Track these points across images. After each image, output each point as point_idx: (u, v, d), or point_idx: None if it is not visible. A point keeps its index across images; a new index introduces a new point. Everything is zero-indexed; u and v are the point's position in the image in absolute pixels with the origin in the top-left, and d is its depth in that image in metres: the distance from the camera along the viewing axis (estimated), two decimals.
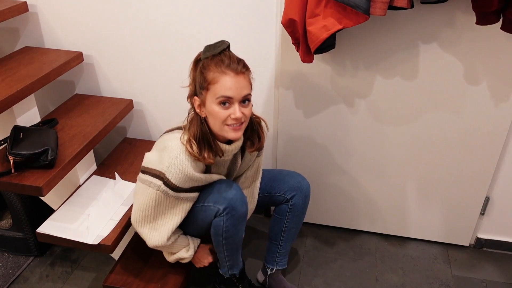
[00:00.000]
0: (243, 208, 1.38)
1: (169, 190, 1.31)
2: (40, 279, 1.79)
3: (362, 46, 1.59)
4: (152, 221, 1.38)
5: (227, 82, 1.23)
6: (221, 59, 1.25)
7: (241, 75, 1.25)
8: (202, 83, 1.26)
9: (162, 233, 1.39)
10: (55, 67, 1.69)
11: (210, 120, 1.30)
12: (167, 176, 1.29)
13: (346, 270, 1.83)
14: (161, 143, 1.37)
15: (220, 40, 1.29)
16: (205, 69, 1.25)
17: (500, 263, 1.87)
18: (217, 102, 1.25)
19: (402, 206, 1.90)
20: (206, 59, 1.27)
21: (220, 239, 1.41)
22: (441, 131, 1.70)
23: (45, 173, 1.43)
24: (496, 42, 1.50)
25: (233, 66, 1.24)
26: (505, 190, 1.79)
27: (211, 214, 1.38)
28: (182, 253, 1.47)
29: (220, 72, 1.23)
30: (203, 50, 1.28)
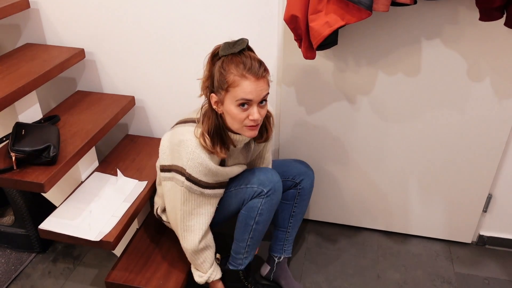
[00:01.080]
0: (280, 196, 1.45)
1: (193, 185, 1.33)
2: (42, 275, 1.79)
3: (365, 42, 1.59)
4: (183, 221, 1.39)
5: (248, 86, 1.24)
6: (242, 61, 1.24)
7: (261, 79, 1.25)
8: (222, 83, 1.25)
9: (194, 234, 1.41)
10: (56, 64, 1.69)
11: (227, 118, 1.32)
12: (188, 171, 1.31)
13: (348, 267, 1.83)
14: (175, 136, 1.37)
15: (240, 39, 1.27)
16: (225, 70, 1.24)
17: (502, 261, 1.86)
18: (236, 104, 1.26)
19: (404, 203, 1.90)
20: (226, 57, 1.26)
21: (251, 223, 1.44)
22: (443, 128, 1.69)
23: (47, 170, 1.44)
24: (500, 38, 1.49)
25: (254, 70, 1.24)
26: (508, 187, 1.78)
27: (250, 195, 1.41)
28: (196, 276, 1.51)
29: (241, 75, 1.23)
30: (222, 46, 1.27)
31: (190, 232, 1.41)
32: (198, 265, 1.49)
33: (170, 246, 1.63)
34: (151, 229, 1.70)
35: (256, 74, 1.24)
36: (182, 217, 1.39)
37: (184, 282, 1.53)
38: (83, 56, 1.85)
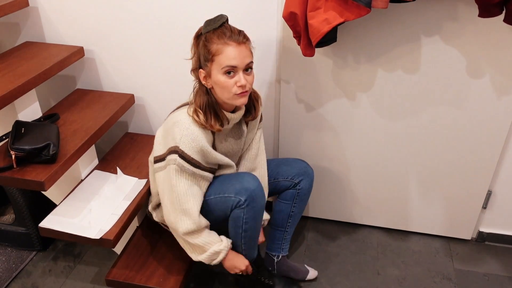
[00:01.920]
0: (263, 200, 1.44)
1: (184, 163, 1.33)
2: (43, 273, 1.79)
3: (364, 39, 1.58)
4: (179, 204, 1.37)
5: (231, 52, 1.29)
6: (223, 31, 1.29)
7: (242, 45, 1.30)
8: (206, 55, 1.30)
9: (193, 214, 1.38)
10: (56, 62, 1.69)
11: (217, 90, 1.34)
12: (181, 148, 1.33)
13: (348, 264, 1.83)
14: (169, 121, 1.40)
15: (219, 14, 1.33)
16: (208, 42, 1.30)
17: (502, 257, 1.87)
18: (222, 72, 1.30)
19: (404, 200, 1.90)
20: (208, 33, 1.31)
21: (240, 231, 1.44)
22: (443, 125, 1.69)
23: (47, 168, 1.44)
24: (499, 35, 1.49)
25: (235, 37, 1.29)
26: (508, 183, 1.79)
27: (231, 205, 1.40)
28: (216, 247, 1.42)
29: (223, 43, 1.28)
30: (203, 24, 1.32)
31: (187, 214, 1.37)
32: (207, 242, 1.41)
33: (171, 243, 1.63)
34: (151, 227, 1.70)
35: (237, 40, 1.29)
36: (177, 200, 1.36)
37: (184, 280, 1.53)
38: (83, 54, 1.85)
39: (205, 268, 1.80)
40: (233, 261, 1.48)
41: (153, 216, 1.59)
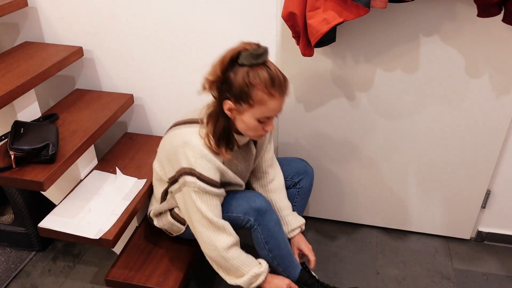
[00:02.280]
0: (273, 215, 1.41)
1: (205, 185, 1.30)
2: (42, 273, 1.79)
3: (363, 39, 1.59)
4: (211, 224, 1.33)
5: (274, 105, 1.25)
6: (269, 75, 1.22)
7: (284, 95, 1.27)
8: (246, 98, 1.23)
9: (227, 228, 1.35)
10: (55, 62, 1.69)
11: (240, 125, 1.31)
12: (198, 171, 1.29)
13: (347, 263, 1.83)
14: (177, 138, 1.35)
15: (262, 47, 1.23)
16: (251, 84, 1.21)
17: (501, 256, 1.87)
18: (256, 119, 1.27)
19: (403, 200, 1.90)
20: (250, 68, 1.22)
21: (266, 253, 1.42)
22: (442, 124, 1.69)
23: (46, 168, 1.44)
24: (498, 35, 1.49)
25: (281, 88, 1.25)
26: (506, 183, 1.79)
27: (240, 224, 1.39)
28: (256, 269, 1.37)
29: (269, 94, 1.23)
30: (245, 55, 1.21)
31: (222, 230, 1.34)
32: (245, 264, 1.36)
33: (169, 243, 1.63)
34: (150, 227, 1.70)
35: (282, 92, 1.25)
36: (208, 220, 1.32)
37: (184, 279, 1.53)
38: (82, 54, 1.85)
39: (205, 268, 1.81)
40: (273, 283, 1.41)
41: (154, 222, 1.58)
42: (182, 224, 1.49)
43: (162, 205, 1.51)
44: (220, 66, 1.25)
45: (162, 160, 1.44)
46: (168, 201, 1.49)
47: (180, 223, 1.49)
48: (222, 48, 1.73)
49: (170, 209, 1.51)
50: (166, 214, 1.52)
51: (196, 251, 1.62)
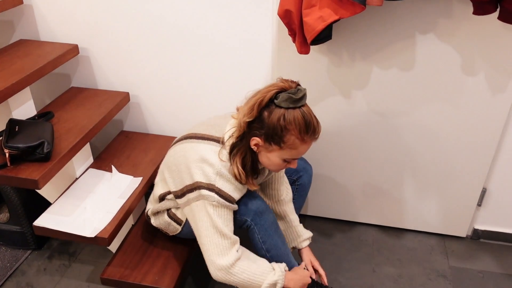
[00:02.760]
0: (270, 216, 1.41)
1: (223, 200, 1.29)
2: (38, 272, 1.79)
3: (359, 37, 1.59)
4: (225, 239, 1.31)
5: (304, 149, 1.26)
6: (305, 121, 1.21)
7: (315, 140, 1.27)
8: (278, 140, 1.23)
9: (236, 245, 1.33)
10: (50, 59, 1.68)
11: (264, 160, 1.31)
12: (217, 186, 1.28)
13: (344, 261, 1.83)
14: (194, 152, 1.32)
15: (301, 91, 1.21)
16: (286, 128, 1.21)
17: (497, 254, 1.87)
18: (283, 159, 1.27)
19: (400, 198, 1.90)
20: (287, 111, 1.20)
21: (264, 253, 1.42)
22: (438, 122, 1.69)
23: (41, 166, 1.43)
24: (493, 32, 1.49)
25: (315, 135, 1.25)
26: (502, 181, 1.79)
27: (238, 225, 1.39)
28: (270, 277, 1.33)
29: (301, 140, 1.23)
30: (284, 97, 1.20)
31: (233, 244, 1.32)
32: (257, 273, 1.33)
33: (165, 242, 1.63)
34: (146, 225, 1.70)
35: (314, 138, 1.25)
36: (226, 233, 1.30)
37: (180, 278, 1.53)
38: (77, 52, 1.84)
39: (201, 266, 1.80)
40: (297, 280, 1.40)
41: (151, 220, 1.57)
42: (179, 224, 1.49)
43: (160, 204, 1.50)
44: (258, 107, 1.23)
45: (172, 169, 1.40)
46: (165, 202, 1.49)
47: (177, 223, 1.49)
48: (219, 46, 1.74)
49: (167, 209, 1.51)
50: (163, 213, 1.51)
51: (192, 249, 1.62)
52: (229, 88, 1.82)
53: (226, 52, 1.74)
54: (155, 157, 1.82)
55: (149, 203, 1.60)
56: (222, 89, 1.83)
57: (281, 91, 1.21)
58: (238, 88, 1.81)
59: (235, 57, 1.75)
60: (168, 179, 1.43)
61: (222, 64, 1.77)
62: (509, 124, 1.67)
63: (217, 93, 1.85)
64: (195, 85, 1.85)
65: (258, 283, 1.32)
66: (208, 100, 1.88)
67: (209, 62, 1.78)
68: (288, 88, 1.22)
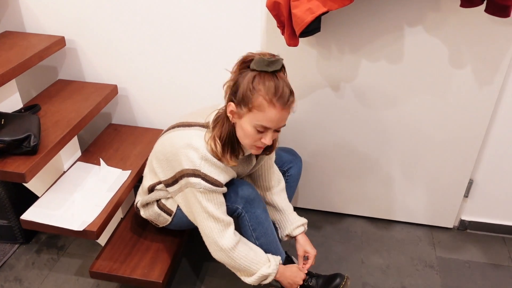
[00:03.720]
0: (261, 204, 1.42)
1: (209, 185, 1.29)
2: (26, 266, 1.78)
3: (348, 29, 1.59)
4: (219, 221, 1.33)
5: (272, 115, 1.22)
6: (275, 84, 1.20)
7: (286, 110, 1.24)
8: (247, 101, 1.21)
9: (232, 225, 1.36)
10: (36, 52, 1.66)
11: (238, 131, 1.29)
12: (203, 172, 1.28)
13: (333, 253, 1.85)
14: (180, 139, 1.33)
15: (276, 57, 1.22)
16: (254, 88, 1.20)
17: (483, 244, 1.90)
18: (253, 126, 1.24)
19: (388, 190, 1.92)
20: (258, 73, 1.21)
21: (253, 241, 1.43)
22: (425, 114, 1.71)
23: (28, 160, 1.42)
24: (480, 25, 1.50)
25: (284, 99, 1.21)
26: (489, 173, 1.82)
27: (228, 213, 1.38)
28: (264, 269, 1.37)
29: (269, 101, 1.20)
30: (256, 59, 1.21)
31: (229, 225, 1.35)
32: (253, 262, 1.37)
33: (155, 235, 1.63)
34: (135, 219, 1.69)
35: (284, 104, 1.22)
36: (218, 216, 1.32)
37: (169, 271, 1.53)
38: (64, 44, 1.82)
39: (191, 259, 1.81)
40: (291, 277, 1.43)
41: (141, 212, 1.57)
42: (169, 214, 1.49)
43: (150, 196, 1.50)
44: (236, 69, 1.25)
45: (160, 159, 1.42)
46: (155, 193, 1.49)
47: (167, 213, 1.49)
48: (207, 38, 1.73)
49: (157, 200, 1.50)
50: (153, 204, 1.51)
51: (181, 242, 1.62)
52: (217, 80, 1.82)
53: (215, 44, 1.74)
54: (144, 150, 1.81)
55: (138, 195, 1.59)
56: (210, 81, 1.83)
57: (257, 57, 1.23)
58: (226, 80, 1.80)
59: (223, 49, 1.74)
60: (157, 169, 1.43)
61: (211, 56, 1.77)
62: (495, 117, 1.68)
63: (205, 85, 1.84)
64: (184, 78, 1.84)
65: (252, 270, 1.37)
66: (196, 93, 1.87)
67: (197, 54, 1.77)
68: (264, 56, 1.23)
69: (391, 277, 1.74)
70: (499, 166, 1.79)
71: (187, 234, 1.66)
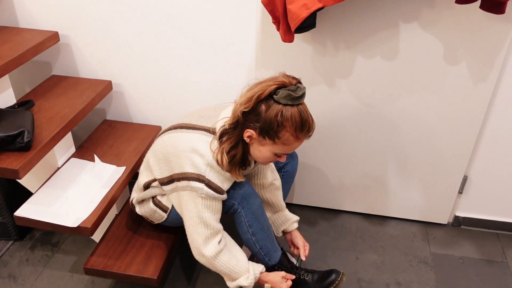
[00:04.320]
0: (257, 200, 1.42)
1: (212, 191, 1.29)
2: (20, 263, 1.77)
3: (343, 25, 1.58)
4: (208, 227, 1.34)
5: (296, 146, 1.28)
6: (301, 119, 1.22)
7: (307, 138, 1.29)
8: (272, 134, 1.23)
9: (220, 234, 1.37)
10: (30, 47, 1.64)
11: (254, 153, 1.31)
12: (207, 178, 1.28)
13: (328, 249, 1.85)
14: (184, 142, 1.32)
15: (301, 89, 1.22)
16: (282, 125, 1.21)
17: (477, 240, 1.91)
18: (274, 153, 1.28)
19: (383, 186, 1.93)
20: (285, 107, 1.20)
21: (249, 237, 1.44)
22: (420, 111, 1.71)
23: (21, 156, 1.41)
24: (475, 21, 1.50)
25: (309, 134, 1.27)
26: (483, 169, 1.82)
27: (224, 209, 1.39)
28: (242, 281, 1.39)
29: (295, 137, 1.24)
30: (284, 94, 1.19)
31: (216, 234, 1.36)
32: (234, 271, 1.39)
33: (149, 231, 1.62)
34: (130, 215, 1.69)
35: (308, 136, 1.28)
36: (210, 224, 1.33)
37: (164, 267, 1.53)
38: (58, 39, 1.80)
39: (186, 255, 1.80)
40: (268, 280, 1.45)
41: (136, 209, 1.56)
42: (164, 211, 1.48)
43: (145, 193, 1.50)
44: (256, 99, 1.22)
45: (159, 158, 1.41)
46: (151, 190, 1.48)
47: (162, 210, 1.49)
48: (202, 34, 1.72)
49: (152, 196, 1.50)
50: (149, 201, 1.51)
51: (177, 238, 1.62)
52: (212, 76, 1.81)
53: (210, 40, 1.73)
54: (139, 146, 1.80)
55: (134, 192, 1.59)
56: (205, 77, 1.82)
57: (281, 86, 1.21)
58: (221, 76, 1.80)
59: (218, 45, 1.73)
60: (154, 167, 1.43)
61: (206, 52, 1.76)
62: (490, 113, 1.69)
63: (200, 81, 1.84)
64: (179, 73, 1.83)
65: (233, 276, 1.41)
66: (191, 88, 1.86)
67: (192, 50, 1.76)
68: (288, 84, 1.22)
69: (385, 273, 1.75)
70: (494, 162, 1.80)
71: (182, 230, 1.66)
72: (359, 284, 1.70)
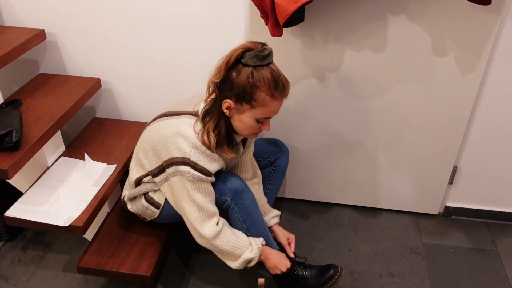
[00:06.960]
0: (250, 195, 1.42)
1: (199, 173, 1.29)
2: (12, 263, 1.75)
3: (331, 18, 1.58)
4: (203, 211, 1.34)
5: (275, 107, 1.28)
6: (273, 77, 1.23)
7: (285, 98, 1.29)
8: (248, 98, 1.24)
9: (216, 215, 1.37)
10: (16, 45, 1.62)
11: (237, 124, 1.31)
12: (192, 160, 1.28)
13: (320, 242, 1.86)
14: (168, 128, 1.33)
15: (267, 48, 1.23)
16: (255, 85, 1.22)
17: (467, 230, 1.93)
18: (255, 119, 1.28)
19: (374, 178, 1.94)
20: (255, 69, 1.22)
21: (244, 232, 1.44)
22: (409, 102, 1.72)
23: (10, 156, 1.39)
24: (463, 13, 1.51)
25: (284, 91, 1.27)
26: (472, 159, 1.84)
27: (217, 206, 1.39)
28: (246, 254, 1.40)
29: (272, 96, 1.24)
30: (250, 55, 1.21)
31: (213, 216, 1.36)
32: (236, 246, 1.39)
33: (142, 228, 1.62)
34: (122, 213, 1.68)
35: (284, 94, 1.28)
36: (203, 206, 1.33)
37: (157, 264, 1.52)
38: (44, 37, 1.78)
39: (180, 251, 1.80)
40: (275, 261, 1.46)
41: (128, 206, 1.56)
42: (157, 207, 1.48)
43: (137, 189, 1.49)
44: (225, 67, 1.24)
45: (146, 149, 1.41)
46: (142, 186, 1.48)
47: (155, 206, 1.48)
48: (190, 30, 1.71)
49: (144, 193, 1.49)
50: (141, 198, 1.50)
51: (169, 235, 1.62)
52: (201, 71, 1.80)
53: (198, 35, 1.72)
54: (129, 143, 1.79)
55: (125, 189, 1.58)
56: (194, 72, 1.81)
57: (248, 50, 1.23)
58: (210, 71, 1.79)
59: (207, 40, 1.72)
60: (143, 160, 1.43)
61: (194, 47, 1.75)
62: (478, 103, 1.70)
63: (189, 77, 1.83)
64: (167, 69, 1.82)
65: (236, 255, 1.40)
66: (180, 84, 1.85)
67: (180, 45, 1.75)
68: (254, 47, 1.23)
69: (378, 264, 1.76)
70: (483, 152, 1.82)
71: (175, 227, 1.66)
72: (352, 275, 1.71)
